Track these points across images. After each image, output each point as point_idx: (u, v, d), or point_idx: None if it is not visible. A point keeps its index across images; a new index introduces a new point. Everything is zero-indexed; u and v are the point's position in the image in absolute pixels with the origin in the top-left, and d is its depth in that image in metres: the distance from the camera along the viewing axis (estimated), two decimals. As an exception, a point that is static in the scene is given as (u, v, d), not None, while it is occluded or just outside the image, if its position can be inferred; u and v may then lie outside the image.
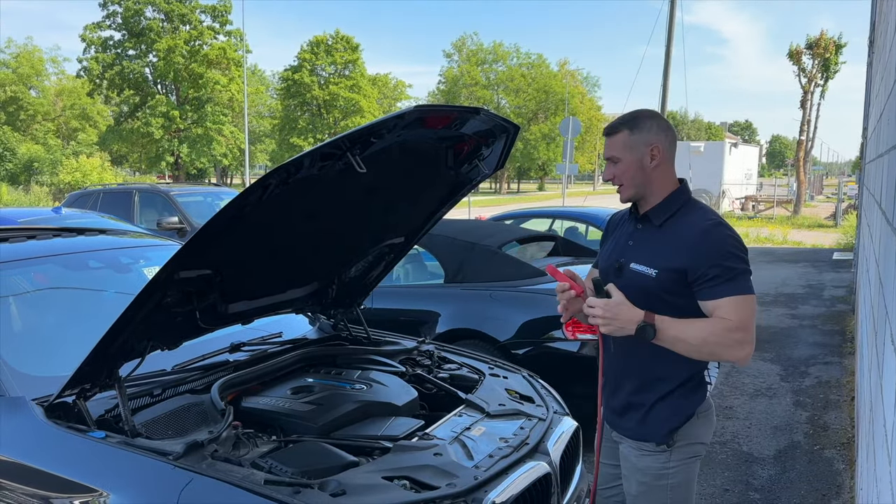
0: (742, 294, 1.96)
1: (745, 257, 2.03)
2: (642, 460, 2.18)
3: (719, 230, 2.01)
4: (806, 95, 25.66)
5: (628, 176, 2.10)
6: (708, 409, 2.22)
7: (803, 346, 7.36)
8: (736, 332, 1.94)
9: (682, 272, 2.01)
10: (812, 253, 15.74)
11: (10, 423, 2.20)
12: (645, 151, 2.07)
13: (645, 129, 2.07)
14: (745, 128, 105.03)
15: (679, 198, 2.12)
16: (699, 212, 2.09)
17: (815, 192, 40.42)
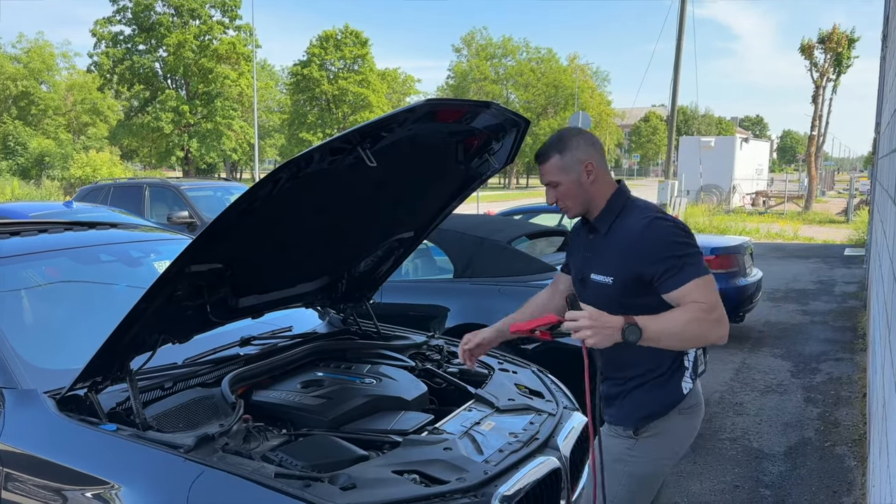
0: (699, 275, 1.97)
1: (691, 240, 2.03)
2: (609, 440, 2.19)
3: (656, 225, 2.03)
4: (818, 90, 25.46)
5: (570, 196, 2.14)
6: (692, 406, 2.17)
7: (814, 342, 7.32)
8: (712, 312, 1.94)
9: (636, 275, 2.03)
10: (823, 249, 15.64)
11: (23, 415, 2.21)
12: (580, 170, 2.11)
13: (574, 148, 2.11)
14: (755, 123, 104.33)
15: (617, 201, 2.14)
16: (636, 211, 2.10)
17: (826, 187, 40.15)
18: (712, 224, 18.29)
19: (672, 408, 2.13)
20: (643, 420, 2.13)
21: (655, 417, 2.12)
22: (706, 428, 4.86)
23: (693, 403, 2.18)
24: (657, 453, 2.15)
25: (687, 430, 2.20)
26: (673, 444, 2.18)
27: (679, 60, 20.12)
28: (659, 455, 2.16)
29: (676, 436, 2.17)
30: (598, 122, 52.00)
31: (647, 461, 2.14)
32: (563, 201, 2.16)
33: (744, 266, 7.16)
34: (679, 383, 2.14)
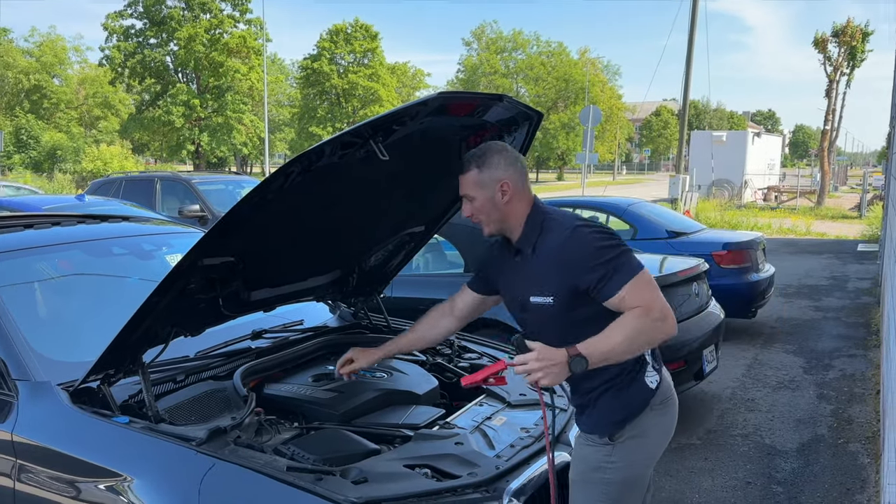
0: (632, 277, 1.94)
1: (615, 241, 2.00)
2: (585, 449, 2.14)
3: (578, 234, 2.00)
4: (831, 84, 25.21)
5: (485, 213, 2.12)
6: (663, 401, 2.13)
7: (827, 338, 7.27)
8: (651, 313, 1.92)
9: (572, 289, 2.00)
10: (836, 244, 15.52)
11: (37, 407, 2.22)
12: (495, 188, 2.09)
13: (493, 166, 2.09)
14: (768, 117, 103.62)
15: (536, 219, 2.11)
16: (557, 224, 2.07)
17: (839, 182, 39.82)
18: (724, 219, 18.18)
19: (644, 406, 2.09)
20: (617, 425, 2.07)
21: (629, 420, 2.07)
22: (718, 424, 4.84)
23: (664, 398, 2.14)
24: (637, 455, 2.11)
25: (663, 426, 2.16)
26: (651, 443, 2.14)
27: (691, 54, 19.99)
28: (639, 457, 2.11)
29: (654, 434, 2.13)
30: (609, 117, 51.76)
31: (628, 465, 2.09)
32: (477, 216, 2.14)
33: (756, 261, 7.11)
34: (643, 380, 2.10)
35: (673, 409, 2.20)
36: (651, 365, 2.14)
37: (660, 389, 2.14)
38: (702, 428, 4.76)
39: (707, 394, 5.43)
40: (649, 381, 2.11)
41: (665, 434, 2.18)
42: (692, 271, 4.86)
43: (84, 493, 2.07)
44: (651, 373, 2.13)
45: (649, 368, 2.13)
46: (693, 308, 4.80)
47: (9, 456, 2.20)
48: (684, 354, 4.48)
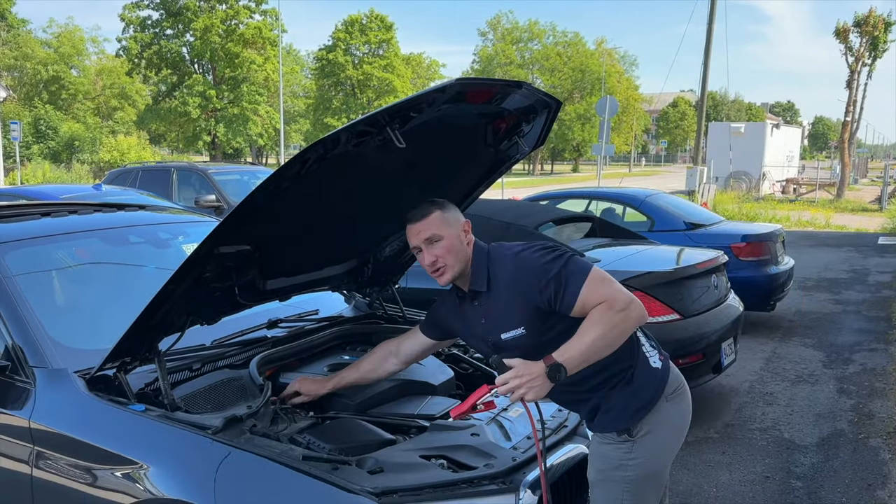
0: (585, 279, 1.95)
1: (557, 252, 2.01)
2: (604, 447, 2.11)
3: (520, 259, 2.03)
4: (852, 75, 24.84)
5: (452, 253, 2.09)
6: (675, 389, 2.12)
7: (847, 332, 7.17)
8: (615, 305, 1.92)
9: (536, 312, 2.01)
10: (856, 237, 15.33)
11: (54, 394, 2.23)
12: (460, 227, 2.13)
13: (452, 209, 2.15)
14: (786, 109, 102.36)
15: (481, 258, 2.12)
16: (499, 256, 2.09)
17: (859, 175, 39.30)
18: (741, 211, 17.99)
19: (658, 394, 2.07)
20: (635, 415, 2.05)
21: (646, 410, 2.05)
22: (736, 417, 4.79)
23: (676, 387, 2.13)
24: (656, 450, 2.09)
25: (679, 417, 2.14)
26: (669, 436, 2.12)
27: (709, 44, 19.77)
28: (658, 451, 2.09)
29: (671, 426, 2.11)
30: (626, 108, 51.41)
31: (648, 461, 2.07)
32: (443, 259, 2.09)
33: (776, 254, 7.03)
34: (648, 364, 2.09)
35: (686, 399, 2.18)
36: (647, 346, 2.13)
37: (670, 379, 2.13)
38: (719, 421, 4.71)
39: (725, 387, 5.38)
40: (652, 362, 2.10)
41: (682, 425, 2.16)
42: (711, 263, 4.80)
43: (100, 480, 2.08)
44: (651, 352, 2.12)
45: (647, 348, 2.12)
46: (712, 300, 4.74)
47: (26, 443, 2.21)
48: (702, 347, 4.43)
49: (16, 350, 2.30)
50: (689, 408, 2.19)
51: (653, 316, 4.28)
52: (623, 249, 5.13)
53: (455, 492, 1.95)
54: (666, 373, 2.13)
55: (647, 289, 4.32)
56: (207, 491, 1.91)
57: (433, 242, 2.10)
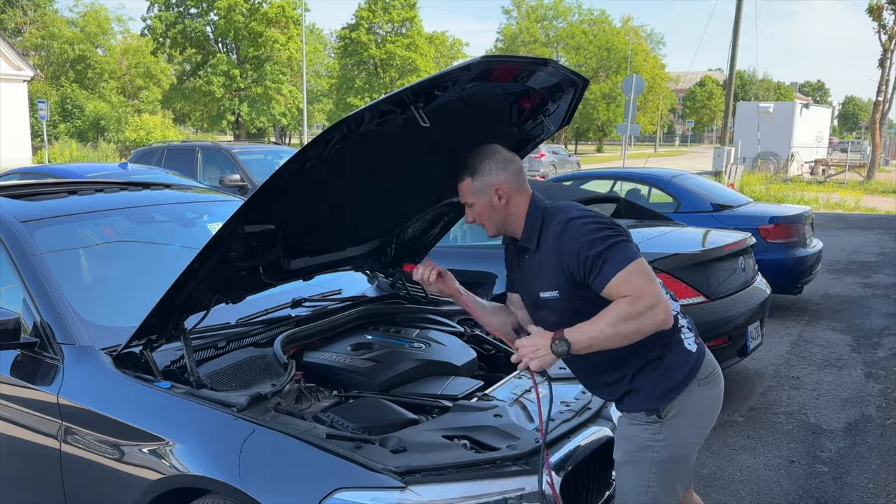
0: (624, 267, 1.90)
1: (609, 231, 1.96)
2: (632, 428, 2.09)
3: (571, 226, 2.00)
4: (885, 53, 24.25)
5: (485, 217, 2.14)
6: (709, 374, 2.09)
7: (876, 316, 7.05)
8: (639, 302, 1.87)
9: (572, 281, 1.99)
10: (886, 220, 15.02)
11: (81, 371, 2.26)
12: (491, 193, 2.10)
13: (485, 173, 2.10)
14: (816, 88, 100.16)
15: (536, 216, 2.10)
16: (555, 218, 2.06)
17: (890, 156, 38.46)
18: (769, 193, 17.71)
19: (690, 376, 2.04)
20: (665, 396, 2.02)
21: (677, 391, 2.02)
22: (761, 401, 4.74)
23: (710, 372, 2.10)
24: (685, 432, 2.06)
25: (711, 401, 2.11)
26: (699, 419, 2.09)
27: (738, 22, 19.36)
28: (687, 434, 2.07)
29: (701, 410, 2.09)
30: (652, 87, 50.58)
31: (676, 443, 2.05)
32: (479, 220, 2.16)
33: (804, 236, 6.91)
34: (682, 345, 2.06)
35: (719, 384, 2.15)
36: (686, 326, 2.10)
37: (704, 363, 2.09)
38: (745, 405, 4.67)
39: (750, 370, 5.32)
40: (687, 344, 2.07)
41: (713, 410, 2.14)
42: (738, 245, 4.73)
43: (127, 456, 2.11)
44: (687, 334, 2.09)
45: (685, 330, 2.09)
46: (739, 283, 4.68)
47: (55, 418, 2.25)
48: (728, 330, 4.38)
49: (44, 327, 2.33)
50: (721, 394, 2.16)
51: (679, 298, 4.22)
52: (649, 231, 5.07)
53: (478, 472, 1.95)
54: (701, 356, 2.09)
55: (673, 271, 4.27)
56: (232, 468, 1.93)
57: (469, 205, 2.15)
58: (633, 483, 2.08)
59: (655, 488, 2.06)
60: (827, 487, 3.59)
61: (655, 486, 2.06)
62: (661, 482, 2.06)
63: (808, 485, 3.61)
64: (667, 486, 2.08)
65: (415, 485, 1.85)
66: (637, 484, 2.08)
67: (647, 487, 2.06)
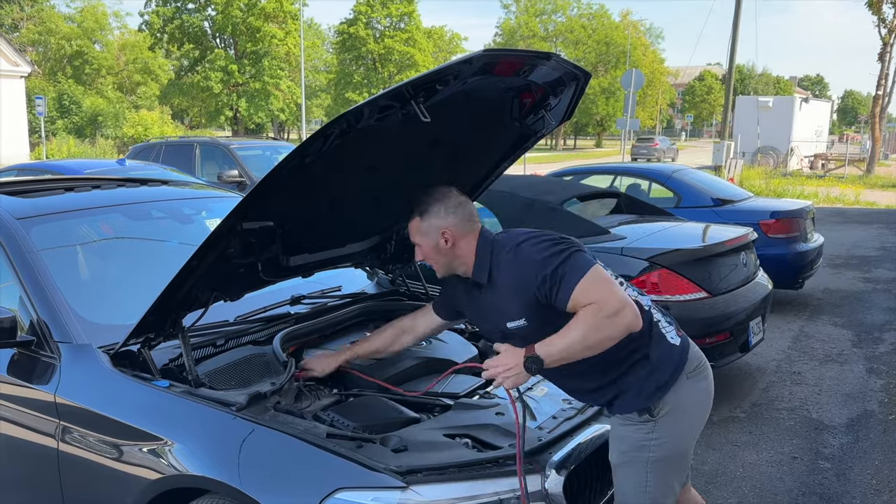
0: (580, 278, 1.90)
1: (560, 246, 1.96)
2: (625, 429, 2.07)
3: (520, 250, 2.00)
4: (885, 47, 24.21)
5: (432, 258, 2.15)
6: (696, 367, 2.07)
7: (877, 311, 7.03)
8: (604, 308, 1.86)
9: (535, 304, 1.97)
10: (886, 214, 15.01)
11: (78, 369, 2.23)
12: (437, 236, 2.11)
13: (433, 215, 2.11)
14: (816, 82, 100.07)
15: (484, 250, 2.09)
16: (504, 248, 2.05)
17: (889, 150, 38.43)
18: (769, 187, 17.69)
19: (678, 371, 2.02)
20: (655, 394, 2.00)
21: (666, 388, 2.00)
22: (763, 397, 4.72)
23: (696, 365, 2.08)
24: (678, 429, 2.05)
25: (701, 394, 2.10)
26: (691, 414, 2.08)
27: (738, 16, 19.31)
28: (681, 430, 2.06)
29: (692, 404, 2.07)
30: (651, 81, 50.54)
31: (671, 441, 2.04)
32: (427, 260, 2.17)
33: (805, 231, 6.89)
34: (665, 341, 2.04)
35: (708, 376, 2.13)
36: (663, 322, 2.08)
37: (690, 355, 2.08)
38: (746, 401, 4.65)
39: (752, 366, 5.30)
40: (670, 338, 2.06)
41: (704, 404, 2.12)
42: (740, 240, 4.71)
43: (125, 456, 2.09)
44: (667, 327, 2.07)
45: (663, 324, 2.07)
46: (740, 278, 4.65)
47: (52, 417, 2.23)
48: (730, 326, 4.36)
49: (41, 325, 2.31)
50: (710, 386, 2.14)
51: (680, 294, 4.21)
52: (649, 226, 5.04)
53: (480, 471, 1.93)
54: (685, 349, 2.08)
55: (674, 266, 4.25)
56: (231, 467, 1.90)
57: (417, 245, 2.17)
58: (631, 484, 2.07)
59: (653, 487, 2.05)
60: (830, 483, 3.57)
61: (653, 485, 2.05)
62: (659, 481, 2.05)
63: (810, 481, 3.60)
64: (664, 484, 2.07)
65: (416, 484, 1.82)
66: (635, 484, 2.06)
67: (646, 487, 2.05)
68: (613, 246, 4.42)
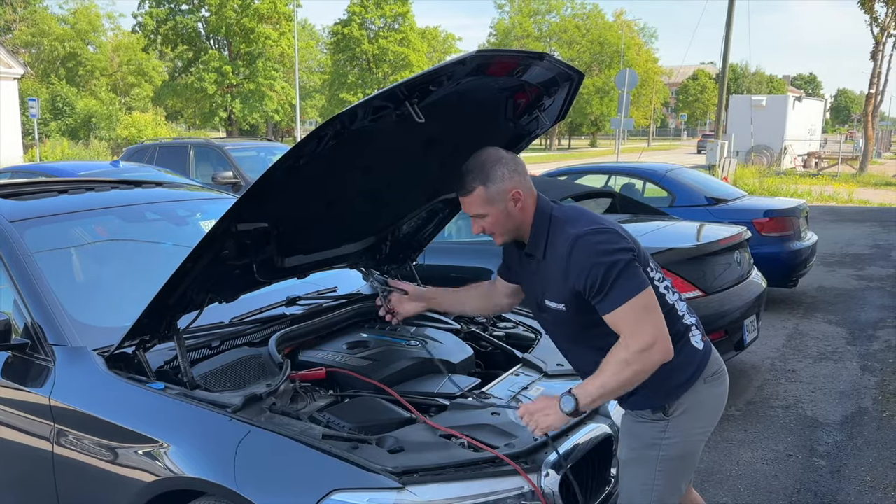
0: (627, 299, 1.87)
1: (619, 255, 1.89)
2: (637, 426, 2.08)
3: (579, 245, 1.92)
4: (877, 46, 24.28)
5: (499, 226, 2.05)
6: (715, 372, 2.08)
7: (871, 308, 7.06)
8: (633, 345, 1.86)
9: (579, 297, 1.95)
10: (879, 212, 15.07)
11: (73, 372, 2.23)
12: (507, 199, 2.01)
13: (499, 179, 1.99)
14: (808, 81, 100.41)
15: (542, 221, 2.03)
16: (563, 230, 1.99)
17: (882, 148, 38.56)
18: (763, 186, 17.74)
19: (697, 374, 2.03)
20: (672, 393, 2.01)
21: (683, 389, 2.01)
22: (758, 395, 4.74)
23: (716, 369, 2.09)
24: (691, 429, 2.06)
25: (716, 399, 2.11)
26: (705, 417, 2.09)
27: (731, 15, 19.37)
28: (693, 431, 2.06)
29: (707, 408, 2.08)
30: (645, 81, 50.64)
31: (683, 441, 2.04)
32: (490, 230, 2.07)
33: (799, 229, 6.91)
34: (690, 343, 2.04)
35: (724, 382, 2.14)
36: (693, 325, 2.08)
37: (710, 360, 2.08)
38: (741, 399, 4.66)
39: (747, 364, 5.32)
40: (695, 342, 2.06)
41: (718, 406, 2.13)
42: (734, 239, 4.72)
43: (120, 458, 2.08)
44: (695, 332, 2.08)
45: (693, 330, 2.08)
46: (734, 277, 4.67)
47: (47, 420, 2.22)
48: (725, 324, 4.37)
49: (35, 328, 2.30)
50: (725, 392, 2.15)
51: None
52: (644, 225, 5.06)
53: (476, 471, 1.93)
54: (707, 354, 2.08)
55: (669, 265, 4.25)
56: (227, 469, 1.90)
57: (481, 217, 2.05)
58: (639, 481, 2.07)
59: (661, 486, 2.05)
60: (824, 481, 3.59)
61: (661, 484, 2.05)
62: (667, 480, 2.05)
63: (805, 479, 3.61)
64: (672, 483, 2.07)
65: (412, 485, 1.83)
66: (642, 482, 2.06)
67: (653, 486, 2.05)
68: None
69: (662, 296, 2.00)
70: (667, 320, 1.94)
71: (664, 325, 1.90)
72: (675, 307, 2.04)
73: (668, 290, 2.05)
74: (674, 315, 2.02)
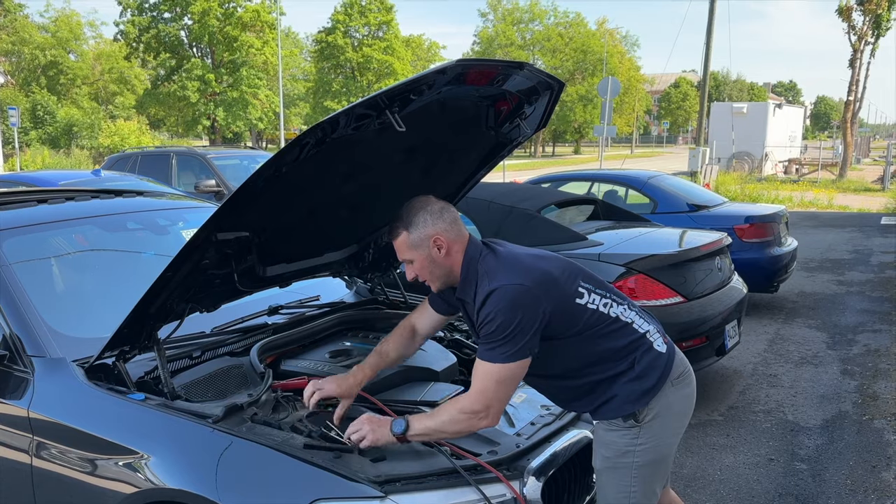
0: (493, 363, 1.93)
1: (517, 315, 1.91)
2: (610, 434, 2.09)
3: (494, 294, 1.94)
4: (855, 54, 24.65)
5: (426, 272, 2.10)
6: (681, 374, 2.11)
7: (850, 313, 7.15)
8: (467, 407, 1.94)
9: None
10: (859, 217, 15.27)
11: (52, 384, 2.20)
12: (429, 245, 2.06)
13: (420, 225, 2.05)
14: (789, 88, 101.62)
15: (471, 269, 2.06)
16: (485, 279, 2.00)
17: (861, 154, 39.10)
18: (744, 192, 17.91)
19: (664, 378, 2.06)
20: (640, 400, 2.03)
21: (652, 394, 2.03)
22: (739, 399, 4.77)
23: (682, 371, 2.12)
24: (663, 433, 2.08)
25: (685, 400, 2.13)
26: (675, 419, 2.11)
27: (712, 23, 19.59)
28: (665, 435, 2.09)
29: (676, 410, 2.11)
30: (627, 89, 51.07)
31: (656, 446, 2.07)
32: (421, 277, 2.11)
33: (779, 235, 6.99)
34: (652, 348, 2.07)
35: (691, 382, 2.17)
36: (649, 331, 2.10)
37: (676, 362, 2.11)
38: (723, 404, 4.70)
39: (728, 369, 5.36)
40: (657, 346, 2.09)
41: (688, 407, 2.16)
42: (714, 245, 4.77)
43: (100, 470, 2.06)
44: (655, 335, 2.11)
45: (651, 332, 2.10)
46: (716, 283, 4.71)
47: (26, 432, 2.20)
48: (706, 330, 4.41)
49: (13, 339, 2.28)
50: (693, 392, 2.18)
51: (656, 299, 4.25)
52: (626, 232, 5.09)
53: (459, 479, 1.93)
54: (671, 356, 2.11)
55: (650, 271, 4.29)
56: (209, 480, 1.89)
57: (409, 262, 2.11)
58: (615, 489, 2.09)
59: (638, 492, 2.07)
60: (806, 485, 3.62)
61: (637, 490, 2.07)
62: (643, 486, 2.07)
63: (787, 483, 3.64)
64: (648, 488, 2.09)
65: (395, 493, 1.82)
66: (619, 490, 2.08)
67: (629, 492, 2.07)
68: (591, 252, 4.45)
69: (602, 313, 2.03)
70: (613, 335, 2.02)
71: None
72: (621, 318, 2.06)
73: (613, 302, 2.07)
74: (621, 328, 2.05)
